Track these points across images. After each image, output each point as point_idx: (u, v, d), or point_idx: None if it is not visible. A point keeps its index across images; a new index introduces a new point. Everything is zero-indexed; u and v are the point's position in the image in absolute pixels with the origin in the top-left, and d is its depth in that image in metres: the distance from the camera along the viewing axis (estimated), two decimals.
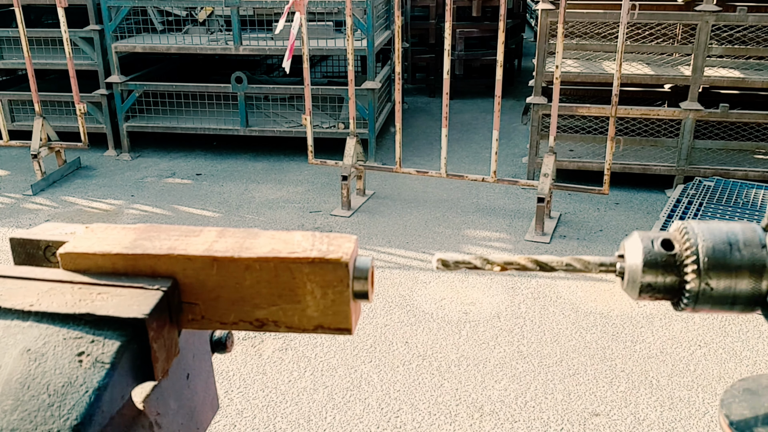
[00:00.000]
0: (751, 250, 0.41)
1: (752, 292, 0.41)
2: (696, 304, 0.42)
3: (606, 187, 4.39)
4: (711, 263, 0.41)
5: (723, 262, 0.41)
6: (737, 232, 0.42)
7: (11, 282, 0.47)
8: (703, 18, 4.80)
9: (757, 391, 0.44)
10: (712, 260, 0.41)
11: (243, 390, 3.00)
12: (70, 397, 0.40)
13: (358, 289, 0.48)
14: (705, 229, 0.42)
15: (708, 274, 0.41)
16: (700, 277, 0.41)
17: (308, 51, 4.79)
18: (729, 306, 0.42)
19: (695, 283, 0.41)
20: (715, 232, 0.42)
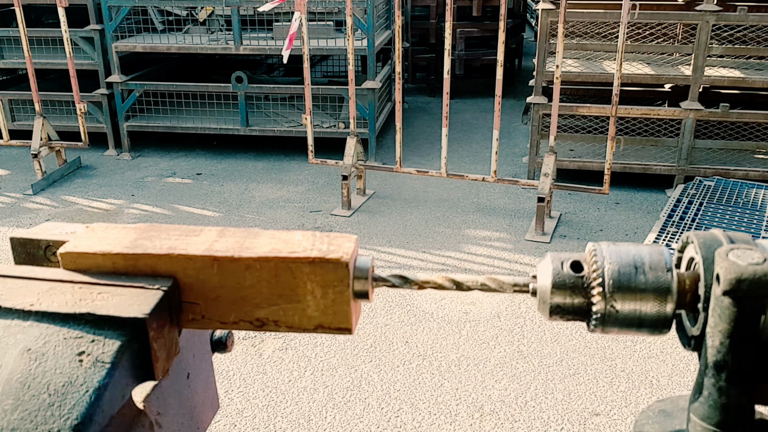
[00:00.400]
0: (656, 273, 0.41)
1: (657, 315, 0.42)
2: (603, 326, 0.43)
3: (606, 186, 4.39)
4: (616, 286, 0.41)
5: (628, 285, 0.41)
6: (644, 255, 0.42)
7: (12, 281, 0.47)
8: (704, 18, 4.80)
9: (672, 413, 0.44)
10: (617, 283, 0.41)
11: (243, 389, 3.01)
12: (70, 397, 0.40)
13: (358, 288, 0.48)
14: (613, 251, 0.42)
15: (613, 296, 0.41)
16: (605, 300, 0.42)
17: (308, 51, 4.79)
18: (636, 328, 0.43)
19: (601, 305, 0.42)
20: (623, 254, 0.42)
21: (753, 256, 0.38)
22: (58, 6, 4.90)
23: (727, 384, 0.38)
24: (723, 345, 0.38)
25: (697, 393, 0.40)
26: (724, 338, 0.38)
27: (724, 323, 0.38)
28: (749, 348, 0.38)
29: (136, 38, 6.00)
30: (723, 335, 0.38)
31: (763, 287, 0.37)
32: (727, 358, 0.38)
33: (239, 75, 5.85)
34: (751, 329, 0.38)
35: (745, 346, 0.38)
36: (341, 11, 5.93)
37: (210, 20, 6.11)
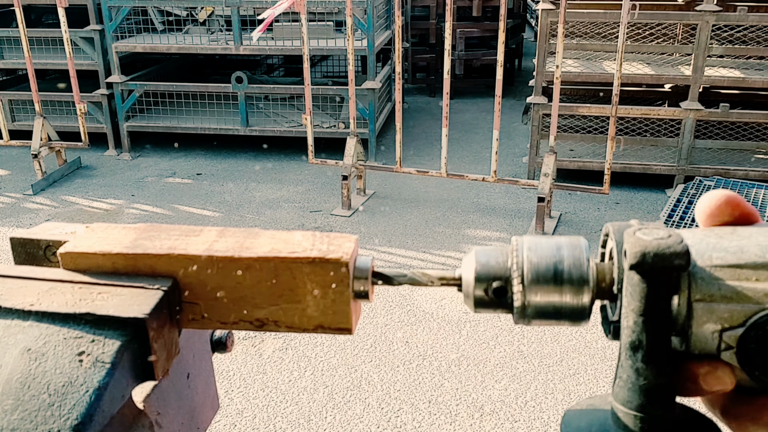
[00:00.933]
0: (573, 265, 0.42)
1: (574, 306, 0.42)
2: (524, 318, 0.43)
3: (606, 186, 4.39)
4: (534, 279, 0.42)
5: (545, 277, 0.42)
6: (563, 247, 0.43)
7: (11, 281, 0.47)
8: (704, 18, 4.80)
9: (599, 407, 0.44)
10: (535, 275, 0.42)
11: (243, 390, 3.01)
12: (70, 397, 0.40)
13: (358, 288, 0.48)
14: (534, 244, 0.43)
15: (531, 289, 0.42)
16: (524, 292, 0.42)
17: (308, 51, 4.79)
18: (556, 319, 0.43)
19: (520, 297, 0.42)
20: (543, 247, 0.43)
21: (659, 233, 0.39)
22: (58, 6, 4.90)
23: (644, 364, 0.38)
24: (636, 324, 0.38)
25: (616, 377, 0.40)
26: (637, 317, 0.38)
27: (636, 301, 0.38)
28: (664, 327, 0.38)
29: (136, 38, 6.00)
30: (636, 314, 0.38)
31: (667, 259, 0.37)
32: (642, 338, 0.38)
33: (239, 75, 5.85)
34: (662, 306, 0.38)
35: (659, 324, 0.38)
36: (341, 11, 5.93)
37: (210, 20, 6.11)
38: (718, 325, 0.39)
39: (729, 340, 0.39)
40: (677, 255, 0.37)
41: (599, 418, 0.42)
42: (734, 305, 0.38)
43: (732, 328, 0.38)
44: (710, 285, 0.39)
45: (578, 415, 0.44)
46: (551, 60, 5.07)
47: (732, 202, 0.42)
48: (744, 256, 0.39)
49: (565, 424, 0.44)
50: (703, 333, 0.39)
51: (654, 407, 0.39)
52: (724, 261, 0.39)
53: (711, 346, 0.39)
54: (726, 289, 0.38)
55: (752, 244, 0.39)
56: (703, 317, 0.39)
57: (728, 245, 0.39)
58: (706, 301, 0.39)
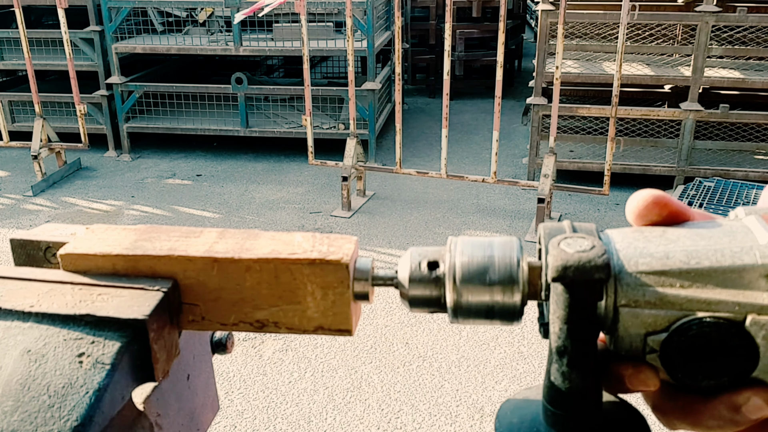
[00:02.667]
0: (504, 266, 0.42)
1: (505, 306, 0.43)
2: (457, 318, 0.44)
3: (606, 187, 4.39)
4: (465, 279, 0.42)
5: (476, 277, 0.42)
6: (495, 248, 0.43)
7: (12, 283, 0.47)
8: (703, 19, 4.80)
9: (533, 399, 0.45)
10: (466, 276, 0.42)
11: (243, 391, 3.01)
12: (70, 398, 0.40)
13: (358, 290, 0.48)
14: (467, 244, 0.44)
15: (463, 289, 0.42)
16: (456, 292, 0.42)
17: (308, 52, 4.79)
18: (488, 318, 0.44)
19: (452, 297, 0.43)
20: (476, 247, 0.43)
21: (582, 244, 0.39)
22: (58, 7, 4.90)
23: (569, 369, 0.39)
24: (562, 331, 0.39)
25: (546, 378, 0.41)
26: (562, 324, 0.39)
27: (561, 310, 0.39)
28: (588, 333, 0.39)
29: (135, 39, 6.00)
30: (561, 321, 0.39)
31: (588, 272, 0.38)
32: (567, 344, 0.39)
33: (239, 76, 5.85)
34: (586, 314, 0.39)
35: (583, 331, 0.39)
36: (341, 12, 5.93)
37: (210, 21, 6.11)
38: (642, 329, 0.40)
39: (653, 343, 0.40)
40: (597, 269, 0.38)
41: (531, 413, 0.44)
42: (658, 311, 0.39)
43: (656, 332, 0.39)
44: (635, 291, 0.39)
45: (512, 409, 0.45)
46: (551, 61, 5.07)
47: (660, 202, 0.42)
48: (669, 262, 0.39)
49: (499, 417, 0.45)
50: (629, 336, 0.40)
51: (579, 408, 0.40)
52: (650, 267, 0.39)
53: (636, 349, 0.40)
54: (651, 295, 0.39)
55: (678, 249, 0.40)
56: (628, 321, 0.40)
57: (655, 250, 0.40)
58: (631, 306, 0.39)
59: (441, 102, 4.63)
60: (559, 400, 0.41)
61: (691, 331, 0.39)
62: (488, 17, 8.14)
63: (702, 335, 0.38)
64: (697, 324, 0.38)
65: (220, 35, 6.07)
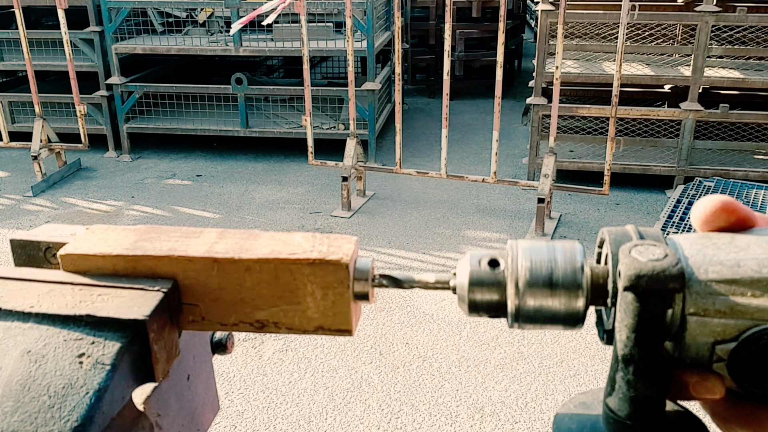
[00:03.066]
0: (567, 270, 0.42)
1: (568, 311, 0.42)
2: (518, 322, 0.43)
3: (606, 187, 4.39)
4: (529, 283, 0.42)
5: (540, 282, 0.42)
6: (557, 252, 0.43)
7: (12, 283, 0.47)
8: (703, 18, 4.80)
9: (591, 405, 0.45)
10: (530, 280, 0.42)
11: (243, 391, 3.00)
12: (70, 399, 0.40)
13: (358, 290, 0.48)
14: (528, 248, 0.43)
15: (526, 293, 0.42)
16: (518, 296, 0.42)
17: (308, 52, 4.79)
18: (550, 323, 0.43)
19: (515, 301, 0.42)
20: (537, 251, 0.43)
21: (654, 252, 0.39)
22: (58, 8, 4.90)
23: (635, 377, 0.39)
24: (629, 339, 0.39)
25: (609, 385, 0.41)
26: (630, 332, 0.39)
27: (629, 318, 0.39)
28: (655, 342, 0.39)
29: (135, 40, 6.00)
30: (629, 330, 0.39)
31: (662, 282, 0.38)
32: (634, 352, 0.39)
33: (239, 76, 5.85)
34: (655, 324, 0.39)
35: (650, 340, 0.39)
36: (341, 12, 5.93)
37: (210, 22, 6.11)
38: (710, 338, 0.39)
39: (721, 352, 0.39)
40: (672, 278, 0.38)
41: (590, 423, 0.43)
42: (728, 320, 0.39)
43: (724, 341, 0.39)
44: (705, 299, 0.39)
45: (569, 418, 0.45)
46: (551, 61, 5.07)
47: (728, 208, 0.42)
48: (740, 270, 0.39)
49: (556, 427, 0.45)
50: (696, 344, 0.40)
51: (644, 416, 0.40)
52: (720, 275, 0.39)
53: (703, 357, 0.40)
54: (720, 303, 0.39)
55: (749, 257, 0.39)
56: (696, 329, 0.39)
57: (725, 258, 0.39)
58: (700, 315, 0.39)
59: (441, 102, 4.63)
60: (623, 408, 0.40)
61: (762, 340, 0.38)
62: (488, 17, 8.14)
63: None
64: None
65: (219, 36, 6.07)
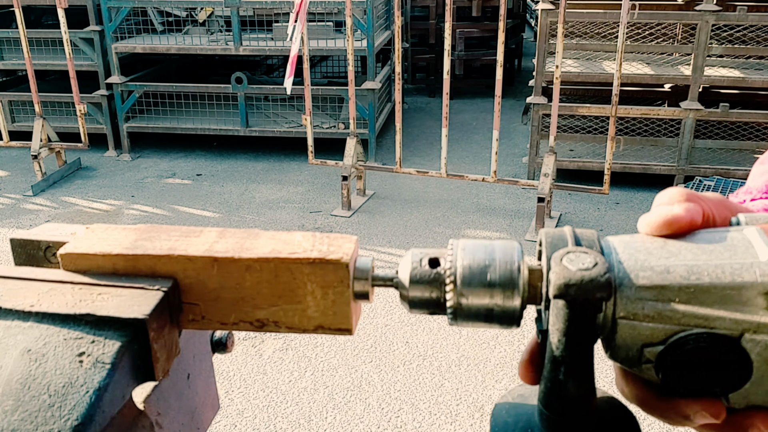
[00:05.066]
0: (504, 270, 0.43)
1: (504, 310, 0.43)
2: (456, 320, 0.44)
3: (606, 186, 4.39)
4: (466, 281, 0.43)
5: (477, 281, 0.43)
6: (496, 251, 0.43)
7: (12, 282, 0.47)
8: (703, 18, 4.80)
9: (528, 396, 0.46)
10: (467, 278, 0.43)
11: (243, 390, 3.01)
12: (70, 398, 0.40)
13: (358, 289, 0.48)
14: (468, 247, 0.44)
15: (463, 291, 0.43)
16: (456, 294, 0.43)
17: (308, 51, 4.79)
18: (488, 322, 0.44)
19: (453, 299, 0.43)
20: (477, 250, 0.43)
21: (585, 261, 0.40)
22: (58, 7, 4.90)
23: (566, 377, 0.40)
24: (560, 342, 0.40)
25: (542, 383, 0.42)
26: (560, 336, 0.40)
27: (560, 323, 0.40)
28: (586, 344, 0.40)
29: (135, 39, 6.00)
30: (560, 333, 0.40)
31: (590, 292, 0.39)
32: (565, 354, 0.40)
33: (239, 76, 5.85)
34: (585, 328, 0.40)
35: (580, 343, 0.40)
36: (341, 12, 5.93)
37: (210, 21, 6.11)
38: (639, 341, 0.40)
39: (649, 354, 0.40)
40: (599, 288, 0.39)
41: (526, 415, 0.45)
42: (656, 324, 0.40)
43: (652, 344, 0.40)
44: (635, 304, 0.40)
45: (506, 411, 0.46)
46: (551, 60, 5.07)
47: (672, 225, 0.42)
48: (669, 277, 0.40)
49: (494, 417, 0.46)
50: (626, 345, 0.41)
51: (574, 413, 0.42)
52: (650, 281, 0.40)
53: (632, 358, 0.41)
54: (650, 309, 0.40)
55: (679, 263, 0.40)
56: (626, 332, 0.40)
57: (656, 264, 0.40)
58: (630, 319, 0.40)
59: (441, 101, 4.63)
60: (555, 405, 0.42)
61: (687, 345, 0.39)
62: (488, 16, 8.14)
63: (698, 350, 0.39)
64: (694, 339, 0.39)
65: (219, 35, 6.07)
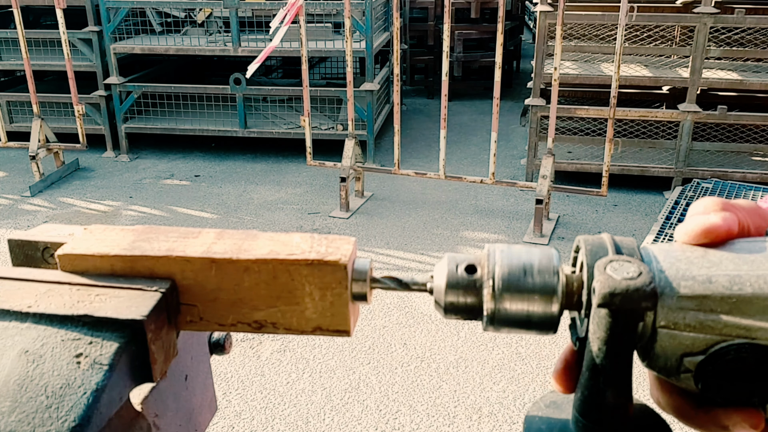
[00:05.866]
0: (543, 276, 0.43)
1: (543, 316, 0.43)
2: (493, 325, 0.44)
3: (604, 188, 4.39)
4: (504, 287, 0.43)
5: (515, 286, 0.43)
6: (534, 257, 0.44)
7: (9, 283, 0.47)
8: (702, 20, 4.81)
9: (561, 405, 0.46)
10: (506, 284, 0.43)
11: (241, 391, 3.00)
12: (68, 399, 0.40)
13: (356, 291, 0.48)
14: (506, 253, 0.44)
15: (502, 297, 0.43)
16: (494, 300, 0.43)
17: (307, 53, 4.79)
18: (525, 327, 0.44)
19: (490, 305, 0.43)
20: (514, 256, 0.44)
21: (629, 270, 0.40)
22: (56, 7, 4.90)
23: (604, 386, 0.40)
24: (601, 350, 0.40)
25: (579, 391, 0.42)
26: (601, 344, 0.40)
27: (602, 331, 0.40)
28: (626, 354, 0.40)
29: (134, 40, 6.00)
30: (601, 342, 0.40)
31: (635, 302, 0.39)
32: (605, 363, 0.40)
33: (237, 77, 5.85)
34: (627, 338, 0.40)
35: (621, 353, 0.40)
36: (339, 13, 5.93)
37: (208, 22, 6.11)
38: (679, 350, 0.40)
39: (689, 364, 0.40)
40: (645, 297, 0.39)
41: (560, 425, 0.44)
42: (697, 334, 0.40)
43: (692, 354, 0.40)
44: (676, 314, 0.40)
45: (539, 419, 0.46)
46: (549, 62, 5.08)
47: (711, 234, 0.42)
48: (711, 287, 0.40)
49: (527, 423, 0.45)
50: (665, 355, 0.41)
51: (611, 422, 0.41)
52: (692, 291, 0.40)
53: (671, 368, 0.41)
54: (691, 318, 0.40)
55: (720, 273, 0.40)
56: (666, 342, 0.40)
57: (697, 273, 0.40)
58: (670, 328, 0.40)
59: (439, 103, 4.63)
60: (592, 414, 0.41)
61: (728, 355, 0.39)
62: (487, 18, 8.14)
63: (740, 360, 0.39)
64: (735, 349, 0.39)
65: (218, 36, 6.07)
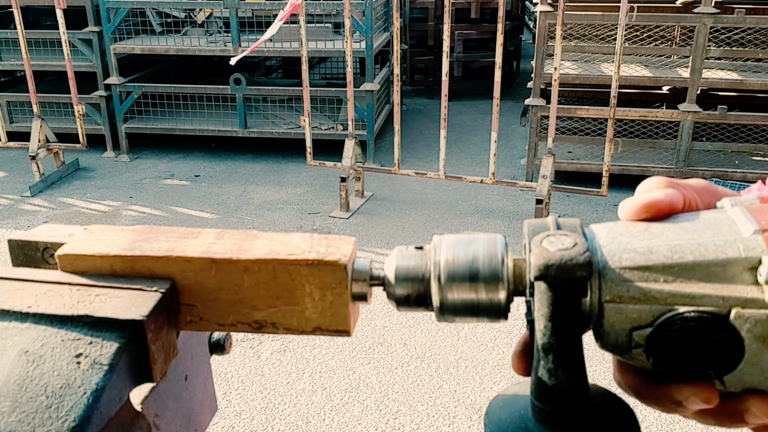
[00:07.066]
0: (488, 262, 0.43)
1: (491, 303, 0.43)
2: (443, 315, 0.44)
3: (604, 188, 4.39)
4: (450, 276, 0.43)
5: (461, 275, 0.43)
6: (479, 244, 0.43)
7: (9, 284, 0.47)
8: (702, 20, 4.81)
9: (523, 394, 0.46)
10: (452, 273, 0.43)
11: (241, 391, 3.00)
12: (68, 399, 0.40)
13: (356, 291, 0.48)
14: (452, 242, 0.44)
15: (448, 286, 0.43)
16: (441, 290, 0.43)
17: (307, 53, 4.79)
18: (474, 316, 0.44)
19: (438, 295, 0.43)
20: (460, 245, 0.43)
21: (564, 242, 0.40)
22: (57, 8, 4.90)
23: (555, 365, 0.40)
24: (547, 328, 0.39)
25: (533, 375, 0.42)
26: (546, 321, 0.39)
27: (545, 307, 0.39)
28: (573, 330, 0.40)
29: (134, 40, 6.00)
30: (545, 318, 0.39)
31: (570, 271, 0.38)
32: (552, 341, 0.40)
33: (237, 77, 5.85)
34: (571, 312, 0.39)
35: (568, 327, 0.39)
36: (340, 13, 5.93)
37: (208, 22, 6.11)
38: (627, 324, 0.40)
39: (638, 338, 0.40)
40: (579, 267, 0.39)
41: (520, 409, 0.44)
42: (642, 306, 0.39)
43: (641, 327, 0.40)
44: (619, 286, 0.40)
45: (501, 405, 0.46)
46: (549, 62, 5.08)
47: (652, 207, 0.42)
48: (652, 257, 0.40)
49: (488, 413, 0.46)
50: (614, 331, 0.41)
51: (566, 404, 0.41)
52: (634, 262, 0.40)
53: (622, 344, 0.41)
54: (634, 290, 0.39)
55: (662, 243, 0.40)
56: (613, 317, 0.40)
57: (638, 245, 0.40)
58: (616, 302, 0.40)
59: (439, 103, 4.63)
60: (546, 397, 0.41)
61: (675, 325, 0.39)
62: (487, 18, 8.14)
63: (687, 329, 0.39)
64: (681, 318, 0.39)
65: (218, 36, 6.07)
